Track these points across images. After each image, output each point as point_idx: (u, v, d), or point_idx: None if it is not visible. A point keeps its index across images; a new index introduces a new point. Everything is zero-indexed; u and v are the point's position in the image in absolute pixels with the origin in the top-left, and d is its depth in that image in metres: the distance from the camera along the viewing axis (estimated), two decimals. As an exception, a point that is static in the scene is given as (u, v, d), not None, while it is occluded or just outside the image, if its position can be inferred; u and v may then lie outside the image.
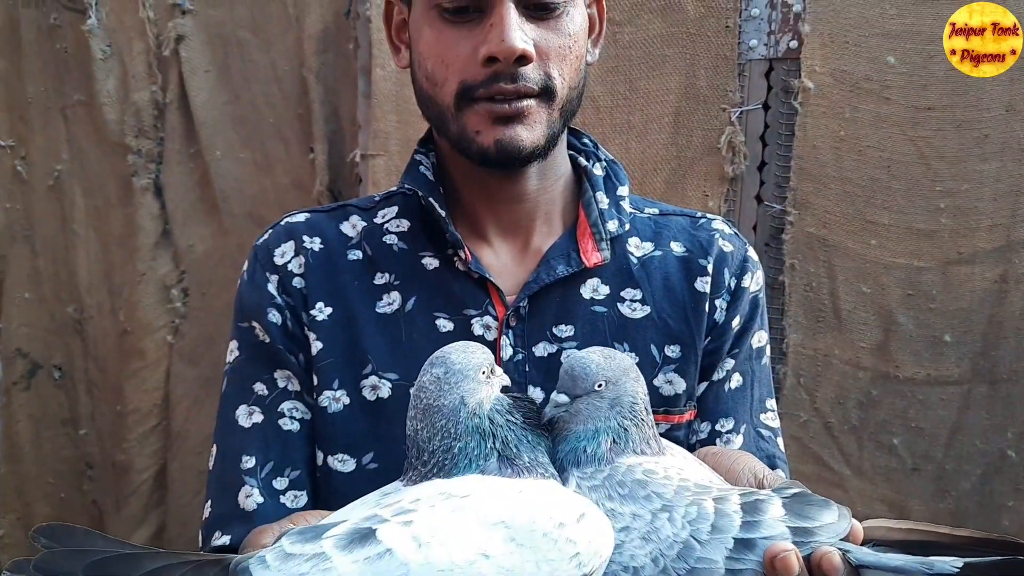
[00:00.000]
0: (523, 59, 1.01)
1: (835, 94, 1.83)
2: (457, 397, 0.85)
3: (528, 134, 1.04)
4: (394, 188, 1.20)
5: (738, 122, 1.88)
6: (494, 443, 0.85)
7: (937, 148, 1.82)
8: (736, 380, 1.16)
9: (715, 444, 1.13)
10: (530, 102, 1.03)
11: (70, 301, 2.28)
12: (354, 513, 0.81)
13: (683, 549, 0.79)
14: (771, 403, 1.19)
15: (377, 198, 1.21)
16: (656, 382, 1.11)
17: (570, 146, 1.20)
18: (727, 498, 0.81)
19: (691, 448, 1.09)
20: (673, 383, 1.12)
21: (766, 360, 1.20)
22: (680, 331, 1.12)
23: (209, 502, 1.12)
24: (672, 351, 1.12)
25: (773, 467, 1.10)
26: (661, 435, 1.10)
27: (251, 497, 1.08)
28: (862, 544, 0.80)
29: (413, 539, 0.75)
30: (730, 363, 1.15)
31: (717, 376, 1.15)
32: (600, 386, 0.87)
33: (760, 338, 1.18)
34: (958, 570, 0.76)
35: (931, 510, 1.94)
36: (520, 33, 1.00)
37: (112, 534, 0.78)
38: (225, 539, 1.08)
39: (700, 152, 1.91)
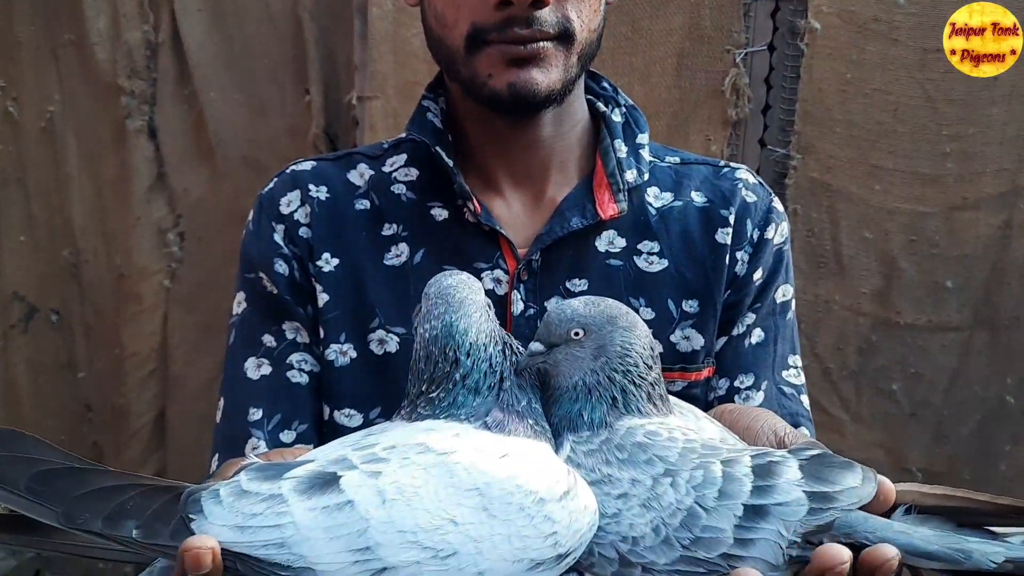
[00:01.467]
0: (539, 2, 0.95)
1: (842, 35, 1.80)
2: (467, 322, 0.80)
3: (543, 77, 0.98)
4: (403, 135, 1.15)
5: (743, 64, 1.84)
6: (496, 379, 0.80)
7: (945, 91, 1.79)
8: (757, 335, 1.10)
9: (734, 401, 1.08)
10: (546, 44, 0.97)
11: (65, 245, 2.26)
12: (324, 453, 0.76)
13: (687, 517, 0.72)
14: (795, 359, 1.13)
15: (386, 145, 1.16)
16: (673, 338, 1.07)
17: (588, 90, 1.14)
18: (737, 460, 0.74)
19: (709, 406, 1.05)
20: (691, 339, 1.07)
21: (791, 315, 1.13)
22: (698, 285, 1.07)
23: (216, 455, 1.10)
24: (690, 306, 1.07)
25: (796, 425, 1.06)
26: (677, 393, 1.04)
27: (257, 450, 1.05)
28: (893, 509, 0.73)
29: (378, 494, 0.70)
30: (751, 317, 1.10)
31: (737, 331, 1.10)
32: (577, 334, 0.80)
33: (784, 292, 1.12)
34: (996, 566, 0.68)
35: (929, 455, 1.95)
36: None
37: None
38: None
39: (703, 95, 1.87)
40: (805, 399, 1.13)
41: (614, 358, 0.80)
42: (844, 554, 0.68)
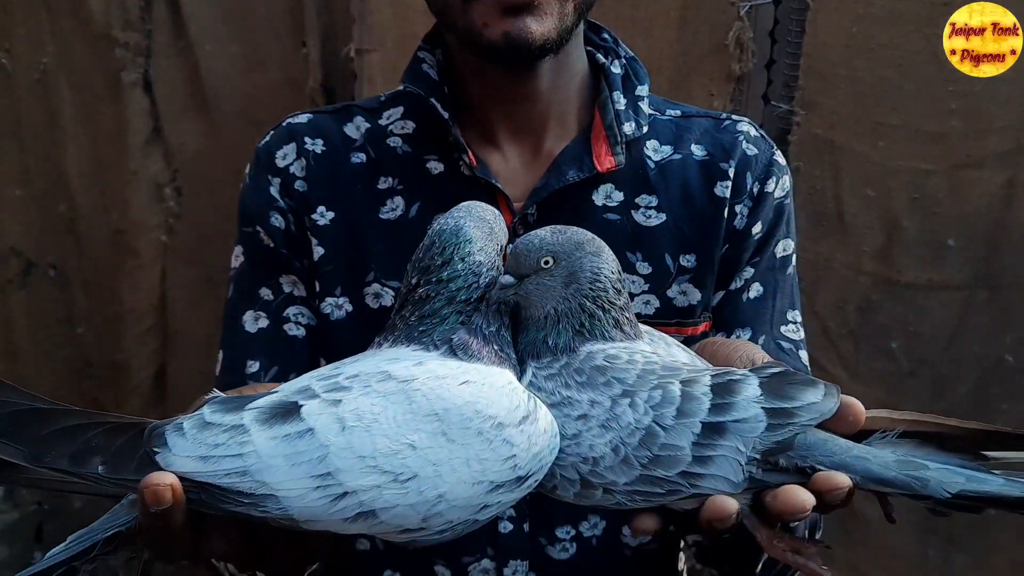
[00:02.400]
0: None
1: (849, -12, 1.77)
2: (477, 235, 0.82)
3: (538, 26, 0.96)
4: (401, 87, 1.14)
5: (747, 17, 1.81)
6: (474, 297, 0.80)
7: (952, 47, 1.76)
8: (755, 290, 1.10)
9: None
10: None
11: (61, 199, 2.25)
12: (291, 385, 0.78)
13: (645, 436, 0.72)
14: (794, 315, 1.13)
15: (383, 98, 1.16)
16: (670, 293, 1.07)
17: (588, 41, 1.13)
18: (696, 380, 0.74)
19: None
20: (688, 294, 1.07)
21: (791, 270, 1.14)
22: (696, 239, 1.07)
23: None
24: (687, 261, 1.07)
25: None
26: None
27: None
28: (869, 434, 0.73)
29: (337, 421, 0.72)
30: (749, 272, 1.10)
31: (735, 285, 1.10)
32: (547, 262, 0.80)
33: (785, 247, 1.13)
34: (950, 496, 0.69)
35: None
36: None
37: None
38: None
39: (707, 49, 1.84)
40: (804, 354, 1.12)
41: (585, 284, 0.81)
42: (807, 502, 0.68)
